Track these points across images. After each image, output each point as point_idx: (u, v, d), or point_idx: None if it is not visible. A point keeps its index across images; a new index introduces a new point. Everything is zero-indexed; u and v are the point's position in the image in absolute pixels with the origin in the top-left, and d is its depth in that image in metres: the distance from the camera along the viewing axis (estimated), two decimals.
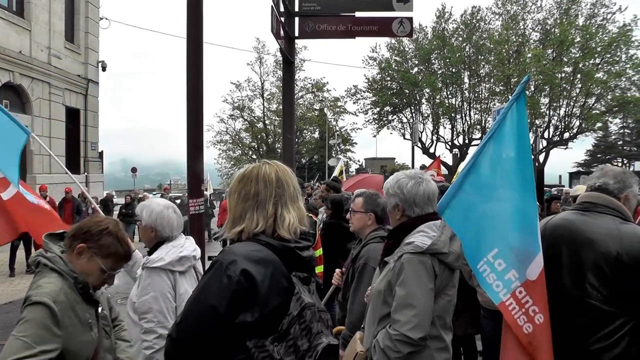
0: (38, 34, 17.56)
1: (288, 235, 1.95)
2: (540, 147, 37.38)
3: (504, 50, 38.27)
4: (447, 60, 40.04)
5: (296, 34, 6.10)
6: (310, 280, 2.03)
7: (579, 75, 37.13)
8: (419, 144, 40.30)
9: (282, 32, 5.70)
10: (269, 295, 1.83)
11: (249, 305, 1.82)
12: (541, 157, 38.12)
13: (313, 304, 1.93)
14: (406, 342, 2.51)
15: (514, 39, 38.66)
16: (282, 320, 1.85)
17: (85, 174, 20.27)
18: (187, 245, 3.23)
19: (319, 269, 6.03)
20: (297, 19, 6.57)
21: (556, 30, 37.12)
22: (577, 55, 36.87)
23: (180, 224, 3.31)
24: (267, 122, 48.12)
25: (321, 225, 6.37)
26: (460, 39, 40.46)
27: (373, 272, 3.28)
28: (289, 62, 6.17)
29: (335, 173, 15.86)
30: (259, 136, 48.67)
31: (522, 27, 39.36)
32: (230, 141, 49.27)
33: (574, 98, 38.24)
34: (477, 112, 41.43)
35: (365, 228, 3.67)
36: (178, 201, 17.54)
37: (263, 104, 47.86)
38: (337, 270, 4.31)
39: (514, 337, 2.75)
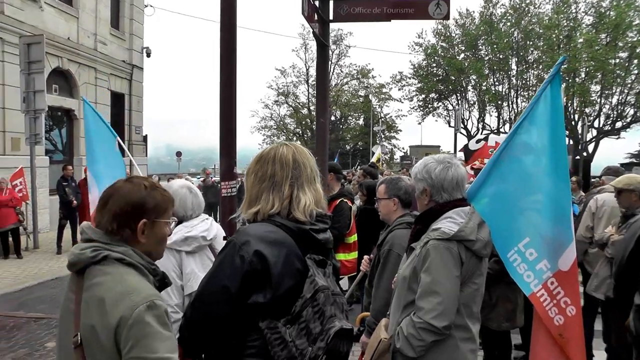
0: (85, 21, 18.02)
1: (303, 217, 1.93)
2: (590, 136, 36.00)
3: (553, 36, 36.89)
4: (495, 46, 39.00)
5: (330, 17, 6.01)
6: (326, 263, 2.01)
7: (635, 61, 35.32)
8: (464, 132, 39.57)
9: (315, 15, 5.62)
10: (282, 277, 1.83)
11: (261, 286, 1.81)
12: (590, 147, 36.74)
13: (327, 287, 1.91)
14: (430, 330, 2.45)
15: (565, 24, 37.15)
16: (295, 303, 1.84)
17: (129, 157, 20.73)
18: (198, 226, 3.22)
19: (354, 255, 6.00)
20: (331, 2, 6.44)
21: (612, 12, 35.40)
22: (635, 39, 35.02)
23: (198, 204, 3.32)
24: (311, 108, 48.26)
25: (356, 211, 6.34)
26: (509, 24, 39.29)
27: (398, 259, 3.24)
28: (323, 46, 6.08)
29: (373, 159, 15.79)
30: (304, 122, 48.91)
31: (574, 10, 37.72)
32: (275, 127, 49.81)
33: (629, 85, 36.45)
34: (525, 99, 40.24)
35: (391, 214, 3.63)
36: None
37: (308, 90, 48.06)
38: (365, 257, 4.29)
39: (545, 329, 2.66)
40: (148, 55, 22.36)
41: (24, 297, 8.69)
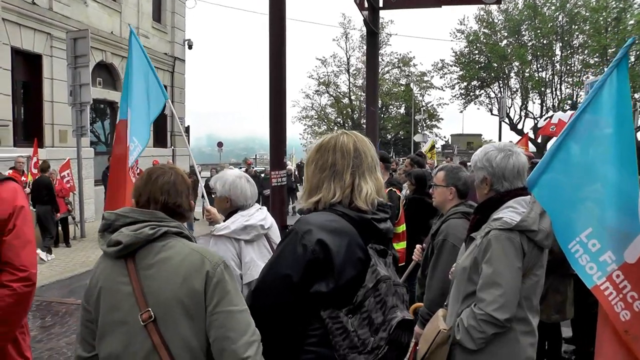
0: (127, 15, 18.37)
1: (365, 206, 1.90)
2: None
3: (601, 19, 35.53)
4: (538, 31, 37.87)
5: (381, 5, 5.91)
6: (387, 253, 1.97)
7: None
8: (507, 120, 38.75)
9: (366, 3, 5.54)
10: (344, 266, 1.80)
11: (323, 276, 1.79)
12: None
13: (389, 277, 1.88)
14: (491, 322, 2.39)
15: (614, 5, 35.66)
16: (357, 292, 1.81)
17: (172, 147, 21.14)
18: (255, 215, 3.22)
19: (402, 245, 5.93)
20: None
21: None
22: None
23: (254, 193, 3.32)
24: (352, 97, 48.06)
25: (404, 201, 6.25)
26: (553, 7, 38.05)
27: (452, 249, 3.19)
28: (373, 34, 5.98)
29: (425, 149, 15.65)
30: (345, 112, 48.80)
31: None
32: (316, 117, 49.81)
33: None
34: (569, 86, 39.06)
35: (446, 202, 3.54)
36: (263, 175, 17.98)
37: (349, 80, 47.95)
38: (418, 246, 4.22)
39: (610, 325, 2.54)
40: (190, 47, 22.66)
41: (74, 284, 8.99)
